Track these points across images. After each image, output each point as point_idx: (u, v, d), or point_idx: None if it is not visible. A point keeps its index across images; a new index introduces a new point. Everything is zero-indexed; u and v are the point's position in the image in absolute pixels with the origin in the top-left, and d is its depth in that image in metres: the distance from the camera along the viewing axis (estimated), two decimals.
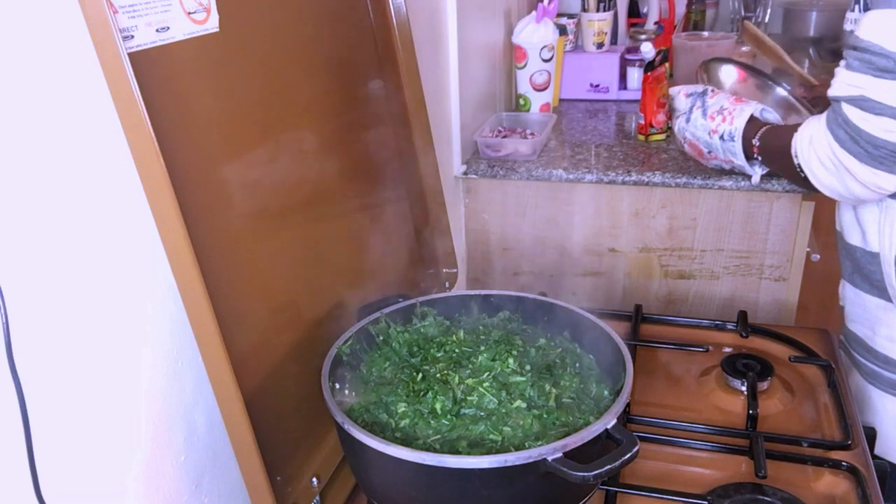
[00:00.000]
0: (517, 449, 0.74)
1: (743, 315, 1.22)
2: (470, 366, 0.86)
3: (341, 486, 0.92)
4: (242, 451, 0.74)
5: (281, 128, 0.87)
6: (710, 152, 1.33)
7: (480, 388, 0.82)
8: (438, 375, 0.85)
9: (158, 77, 0.67)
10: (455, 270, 1.24)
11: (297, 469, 0.86)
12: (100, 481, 0.70)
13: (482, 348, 0.88)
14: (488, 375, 0.84)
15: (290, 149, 0.88)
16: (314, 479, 0.86)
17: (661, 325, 1.25)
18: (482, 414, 0.80)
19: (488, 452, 0.74)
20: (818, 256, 1.60)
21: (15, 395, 0.58)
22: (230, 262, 0.78)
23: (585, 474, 0.68)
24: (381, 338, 0.94)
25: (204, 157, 0.75)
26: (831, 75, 1.01)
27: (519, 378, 0.84)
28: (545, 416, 0.79)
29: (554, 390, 0.82)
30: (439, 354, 0.89)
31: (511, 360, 0.86)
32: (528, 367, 0.85)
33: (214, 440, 0.85)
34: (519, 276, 1.68)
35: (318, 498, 0.87)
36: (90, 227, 0.67)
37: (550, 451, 0.69)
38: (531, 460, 0.69)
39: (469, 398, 0.81)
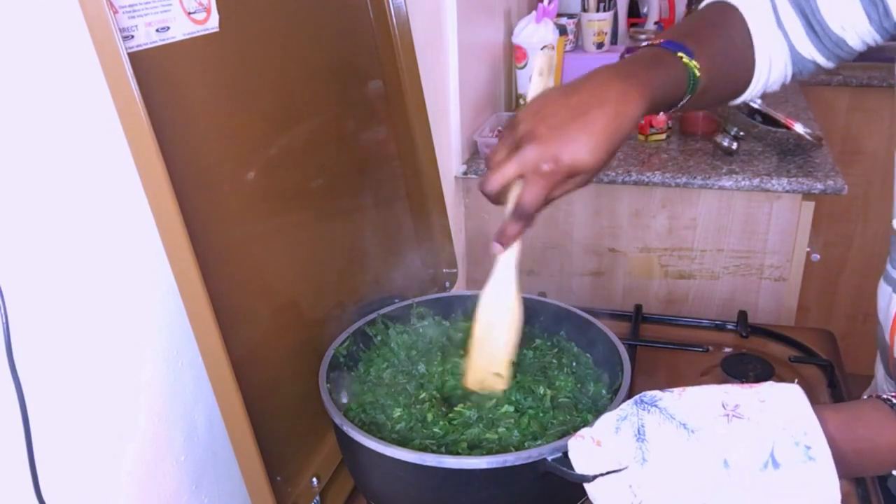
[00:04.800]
0: (516, 449, 0.74)
1: (743, 315, 1.22)
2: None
3: (341, 486, 0.92)
4: (242, 451, 0.74)
5: (281, 128, 0.87)
6: None
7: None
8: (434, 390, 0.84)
9: (158, 77, 0.67)
10: (455, 270, 1.23)
11: (297, 469, 0.86)
12: (100, 481, 0.70)
13: None
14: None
15: (289, 149, 0.88)
16: (314, 479, 0.86)
17: (661, 325, 1.25)
18: (473, 418, 0.79)
19: (488, 453, 0.74)
20: (818, 256, 1.61)
21: (15, 395, 0.58)
22: (230, 262, 0.78)
23: (585, 474, 0.68)
24: (380, 338, 0.93)
25: (204, 157, 0.75)
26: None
27: None
28: (541, 415, 0.79)
29: (549, 391, 0.82)
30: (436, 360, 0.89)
31: None
32: (516, 376, 0.84)
33: (214, 440, 0.85)
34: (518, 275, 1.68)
35: (318, 498, 0.87)
36: (90, 228, 0.67)
37: (550, 451, 0.69)
38: (531, 460, 0.69)
39: (457, 409, 0.80)
